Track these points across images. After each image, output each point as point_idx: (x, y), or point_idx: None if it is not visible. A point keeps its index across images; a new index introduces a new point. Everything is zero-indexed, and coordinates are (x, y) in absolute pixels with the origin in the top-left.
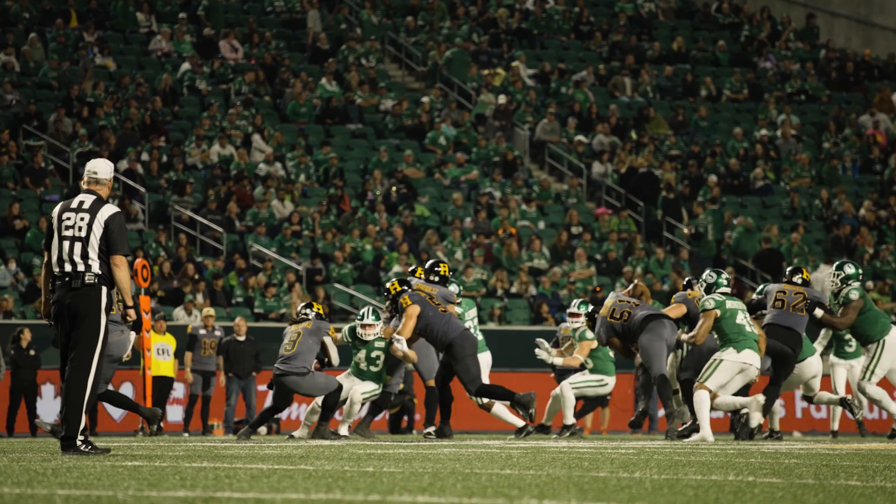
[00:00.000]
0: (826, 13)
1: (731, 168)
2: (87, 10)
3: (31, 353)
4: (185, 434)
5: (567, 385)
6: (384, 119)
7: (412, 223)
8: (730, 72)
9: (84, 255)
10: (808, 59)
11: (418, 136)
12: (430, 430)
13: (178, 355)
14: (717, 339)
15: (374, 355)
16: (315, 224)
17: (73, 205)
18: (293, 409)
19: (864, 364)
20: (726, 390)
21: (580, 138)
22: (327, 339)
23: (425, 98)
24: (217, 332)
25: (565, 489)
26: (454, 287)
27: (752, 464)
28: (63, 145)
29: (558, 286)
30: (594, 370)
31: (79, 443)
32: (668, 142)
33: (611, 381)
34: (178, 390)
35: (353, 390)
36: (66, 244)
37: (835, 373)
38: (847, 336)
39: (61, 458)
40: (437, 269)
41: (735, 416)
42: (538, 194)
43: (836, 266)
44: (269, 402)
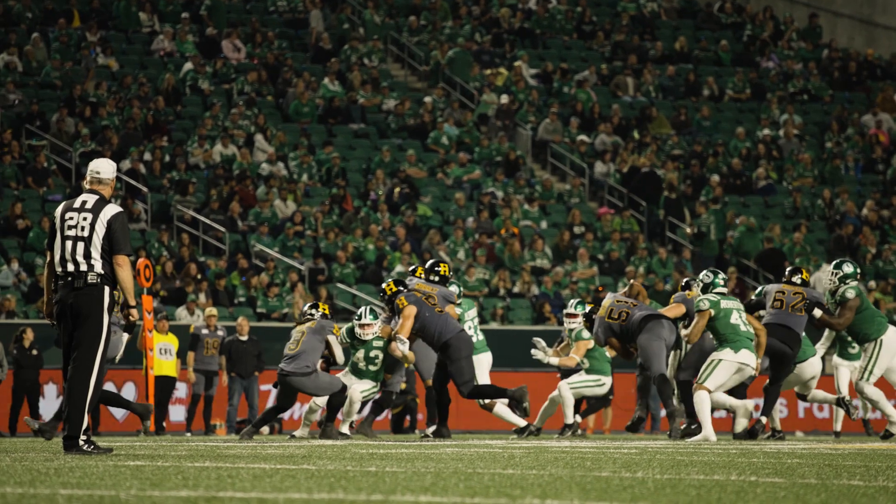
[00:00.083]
0: (829, 13)
1: (733, 168)
2: (89, 9)
3: (34, 352)
4: (188, 434)
5: (565, 385)
6: (387, 119)
7: (415, 223)
8: (732, 71)
9: (87, 255)
10: (811, 59)
11: (421, 135)
12: (429, 432)
13: (181, 355)
14: (712, 338)
15: (372, 354)
16: (317, 224)
17: (76, 204)
18: (295, 409)
19: (862, 364)
20: (720, 388)
21: (582, 138)
22: (332, 338)
23: (428, 98)
24: (219, 332)
25: (568, 489)
26: (454, 287)
27: (755, 463)
28: (66, 145)
29: (561, 286)
30: (591, 370)
31: (81, 442)
32: (671, 141)
33: (607, 381)
34: (181, 390)
35: (353, 389)
36: (69, 244)
37: (839, 374)
38: (850, 337)
39: (64, 458)
40: (437, 269)
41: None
42: (540, 194)
43: (834, 265)
44: (272, 401)
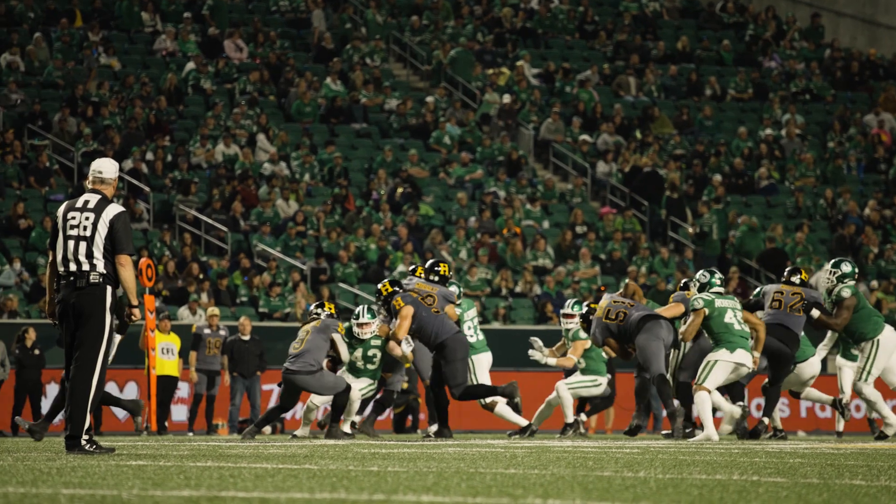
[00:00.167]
0: (831, 12)
1: (735, 167)
2: (91, 9)
3: (36, 352)
4: (190, 433)
5: (562, 385)
6: (389, 118)
7: (417, 222)
8: (734, 71)
9: (89, 255)
10: (813, 59)
11: (423, 135)
12: (431, 431)
13: (183, 355)
14: (707, 337)
15: (370, 353)
16: (320, 223)
17: (78, 204)
18: (297, 409)
19: (860, 365)
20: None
21: (585, 138)
22: (336, 337)
23: (430, 97)
24: (222, 332)
25: (570, 488)
26: (454, 287)
27: (757, 463)
28: (68, 145)
29: (563, 286)
30: (587, 370)
31: (83, 442)
32: (673, 141)
33: (603, 381)
34: (183, 390)
35: (351, 388)
36: (71, 243)
37: (842, 374)
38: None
39: (66, 458)
40: (436, 269)
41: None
42: (543, 194)
43: (832, 263)
44: (274, 401)
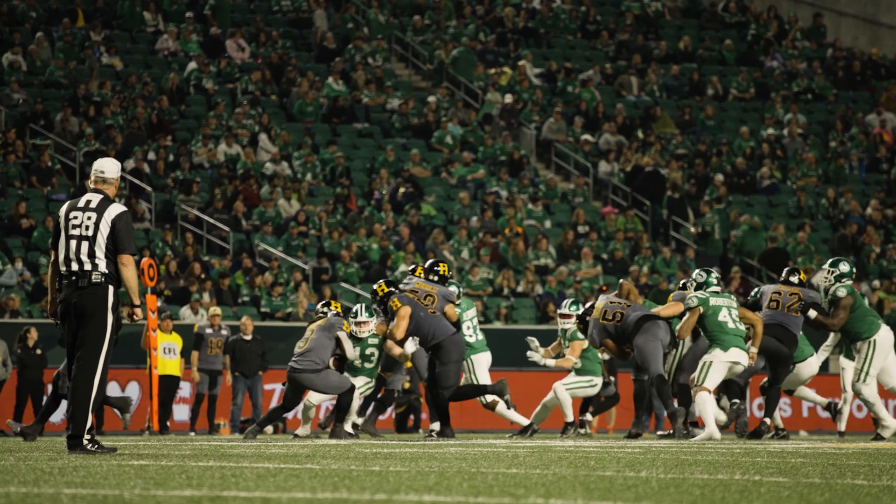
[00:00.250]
0: (833, 12)
1: (737, 167)
2: (93, 9)
3: (38, 352)
4: (192, 433)
5: (560, 385)
6: (391, 118)
7: (418, 222)
8: (736, 71)
9: (91, 255)
10: (815, 58)
11: (425, 135)
12: (433, 433)
13: (185, 354)
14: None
15: (368, 352)
16: (321, 223)
17: (80, 204)
18: (299, 409)
19: (857, 366)
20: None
21: (586, 137)
22: (342, 334)
23: (432, 97)
24: (223, 332)
25: (571, 488)
26: (453, 287)
27: (759, 463)
28: (70, 144)
29: (565, 285)
30: (582, 370)
31: (85, 442)
32: (675, 141)
33: (599, 382)
34: (185, 389)
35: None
36: (73, 243)
37: (844, 375)
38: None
39: (67, 457)
40: (436, 269)
41: (738, 415)
42: (544, 193)
43: (830, 263)
44: (276, 401)
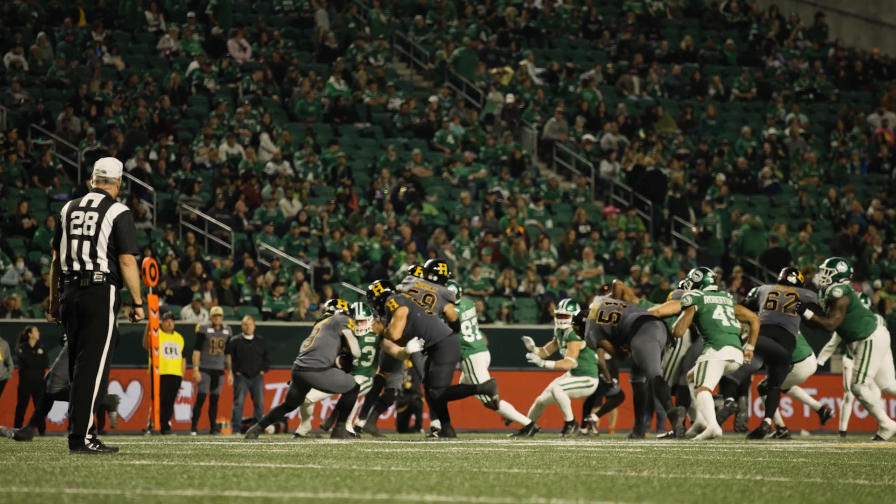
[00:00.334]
0: (835, 12)
1: (739, 167)
2: (95, 8)
3: (39, 352)
4: (193, 433)
5: (557, 386)
6: (392, 118)
7: (420, 222)
8: (738, 70)
9: (93, 254)
10: (817, 58)
11: (426, 134)
12: (434, 432)
13: (186, 354)
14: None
15: (365, 350)
16: (323, 223)
17: (82, 203)
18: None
19: (855, 367)
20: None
21: (588, 137)
22: (346, 332)
23: (433, 97)
24: (225, 331)
25: (573, 488)
26: (452, 287)
27: (760, 463)
28: (71, 144)
29: (566, 285)
30: (579, 370)
31: (87, 441)
32: (677, 140)
33: (595, 382)
34: (186, 389)
35: (360, 388)
36: (75, 243)
37: (847, 374)
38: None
39: (69, 457)
40: (435, 269)
41: (738, 414)
42: (546, 193)
43: (827, 262)
44: (277, 400)
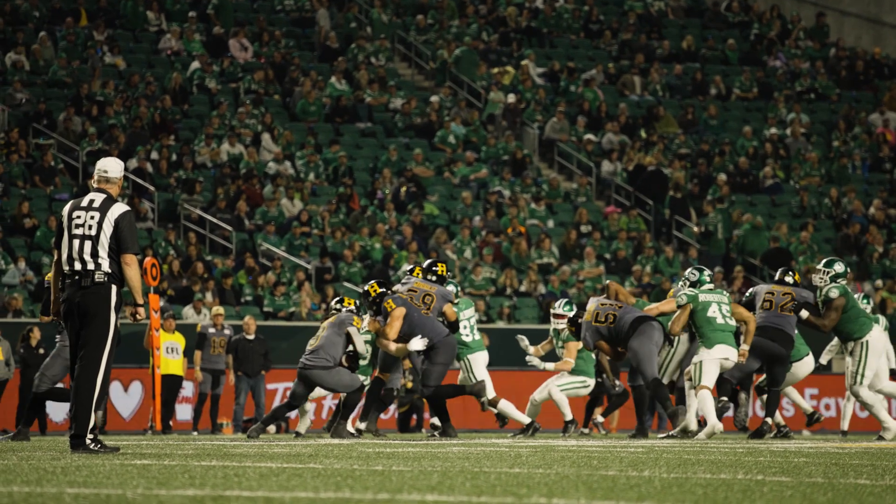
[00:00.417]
0: (836, 11)
1: (740, 167)
2: (96, 8)
3: (41, 351)
4: (194, 433)
5: (554, 387)
6: (393, 118)
7: (421, 222)
8: (739, 70)
9: (94, 254)
10: (818, 58)
11: (427, 134)
12: (435, 432)
13: (188, 354)
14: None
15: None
16: (324, 223)
17: (84, 203)
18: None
19: (852, 369)
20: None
21: (589, 137)
22: (352, 330)
23: (434, 97)
24: (226, 331)
25: (574, 488)
26: (452, 287)
27: (762, 462)
28: (73, 144)
29: (567, 285)
30: (576, 370)
31: (88, 441)
32: (678, 140)
33: (591, 382)
34: (188, 389)
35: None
36: (77, 243)
37: (848, 375)
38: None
39: (70, 457)
40: (434, 269)
41: (738, 410)
42: (547, 193)
43: (825, 262)
44: (278, 400)
